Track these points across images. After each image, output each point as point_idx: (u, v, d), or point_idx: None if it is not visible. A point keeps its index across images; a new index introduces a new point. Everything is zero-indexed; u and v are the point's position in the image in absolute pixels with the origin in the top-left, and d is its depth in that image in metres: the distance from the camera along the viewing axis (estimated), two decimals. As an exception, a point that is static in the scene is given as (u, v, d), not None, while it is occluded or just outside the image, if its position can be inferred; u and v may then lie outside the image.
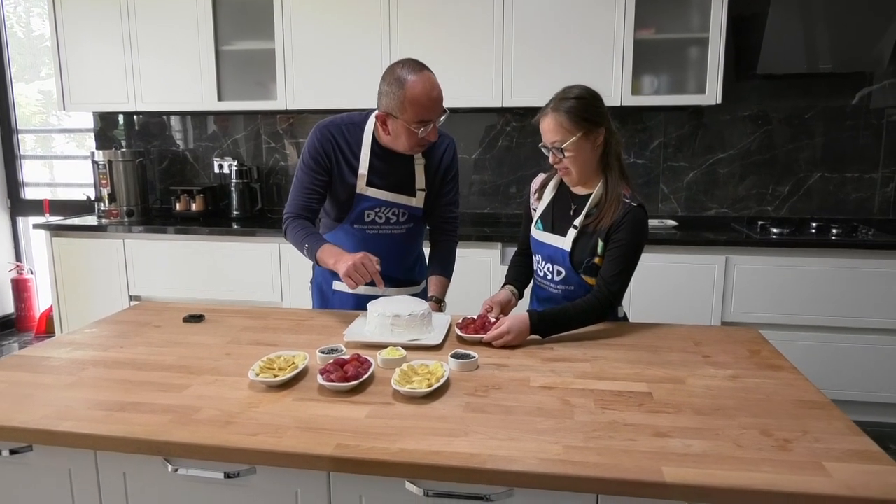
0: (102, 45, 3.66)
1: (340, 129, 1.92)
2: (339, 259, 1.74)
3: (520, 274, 2.02)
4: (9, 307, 4.57)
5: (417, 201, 1.99)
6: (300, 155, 1.97)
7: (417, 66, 1.78)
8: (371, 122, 1.91)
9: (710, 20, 3.14)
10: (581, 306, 1.73)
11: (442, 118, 1.83)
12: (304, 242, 1.85)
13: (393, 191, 1.94)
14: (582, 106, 1.71)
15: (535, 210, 1.95)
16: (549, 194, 1.91)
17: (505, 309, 1.89)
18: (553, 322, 1.70)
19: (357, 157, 1.91)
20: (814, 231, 3.21)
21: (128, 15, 3.60)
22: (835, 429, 1.19)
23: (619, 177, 1.77)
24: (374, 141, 1.91)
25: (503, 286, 1.99)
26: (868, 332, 3.03)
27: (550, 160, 1.79)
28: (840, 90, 3.43)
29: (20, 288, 4.50)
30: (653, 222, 3.44)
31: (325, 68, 3.45)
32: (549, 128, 1.74)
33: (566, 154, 1.73)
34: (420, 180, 1.98)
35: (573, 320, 1.72)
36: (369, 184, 1.91)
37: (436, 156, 2.00)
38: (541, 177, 1.98)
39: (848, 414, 1.27)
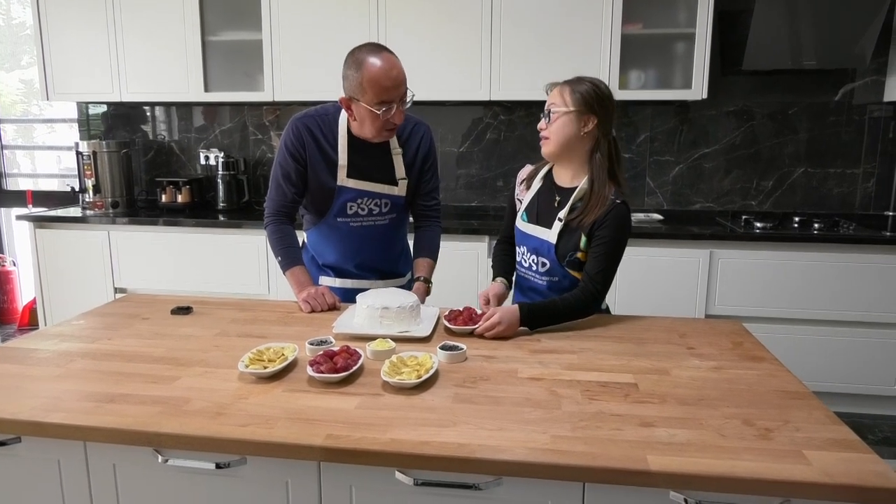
0: (87, 35, 3.61)
1: (315, 121, 1.90)
2: (301, 289, 1.91)
3: (506, 265, 2.03)
4: (-9, 299, 4.52)
5: (400, 190, 1.99)
6: (276, 155, 1.97)
7: (377, 47, 1.78)
8: (344, 114, 1.90)
9: (696, 16, 3.17)
10: (569, 301, 1.76)
11: (408, 101, 1.82)
12: (278, 255, 1.96)
13: (373, 181, 1.94)
14: (588, 90, 1.75)
15: (520, 201, 1.96)
16: (535, 186, 1.92)
17: (501, 301, 1.91)
18: (542, 315, 1.73)
19: (334, 149, 1.90)
20: (797, 225, 3.26)
21: (112, 4, 3.55)
22: (815, 418, 1.22)
23: (607, 176, 1.78)
24: (350, 132, 1.90)
25: (494, 279, 2.01)
26: (849, 324, 3.08)
27: (539, 125, 1.82)
28: (823, 86, 3.48)
29: (2, 280, 4.45)
30: (638, 216, 3.47)
31: (313, 59, 3.43)
32: (553, 94, 1.80)
33: (550, 121, 1.77)
34: (399, 169, 1.97)
35: (561, 314, 1.75)
36: (349, 175, 1.91)
37: (412, 145, 1.99)
38: (528, 167, 1.99)
39: (829, 406, 1.30)
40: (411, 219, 2.14)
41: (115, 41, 3.59)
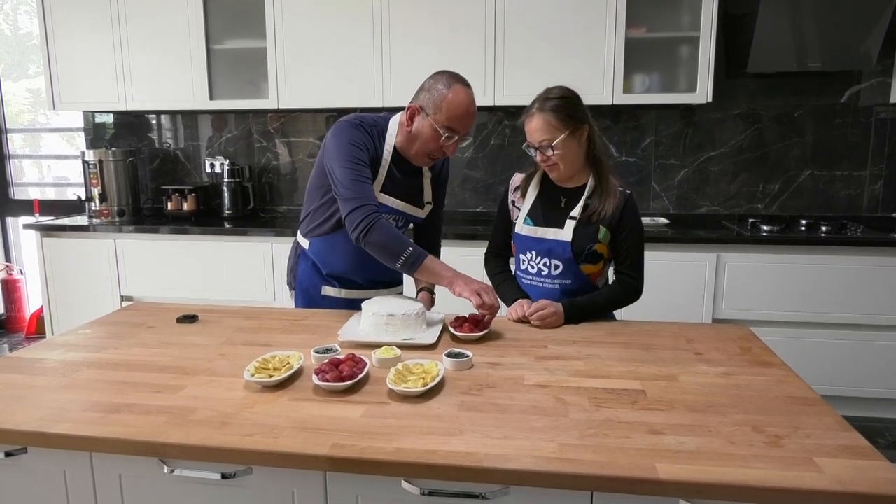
0: (92, 44, 3.63)
1: (372, 129, 1.88)
2: (457, 276, 1.76)
3: (515, 282, 2.01)
4: (-2, 308, 4.54)
5: (423, 213, 2.02)
6: (337, 148, 1.81)
7: (467, 81, 1.83)
8: (393, 127, 1.89)
9: (700, 19, 3.16)
10: (608, 295, 1.87)
11: (465, 142, 1.87)
12: (408, 246, 1.74)
13: (404, 200, 1.94)
14: (566, 105, 1.79)
15: (518, 208, 1.96)
16: (533, 191, 1.94)
17: None
18: (584, 311, 1.83)
19: (376, 162, 1.89)
20: (804, 228, 3.23)
21: (118, 13, 3.58)
22: (825, 425, 1.20)
23: (607, 167, 1.88)
24: (395, 148, 1.90)
25: (516, 300, 1.92)
26: (857, 328, 3.06)
27: (538, 159, 1.84)
28: (829, 88, 3.46)
29: (10, 289, 4.47)
30: (644, 220, 3.44)
31: (317, 67, 3.44)
32: (537, 127, 1.79)
33: (555, 151, 1.77)
34: (428, 194, 2.01)
35: (601, 308, 1.86)
36: (383, 190, 1.90)
37: (436, 169, 2.04)
38: (518, 176, 2.01)
39: (838, 409, 1.28)
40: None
41: (120, 50, 3.61)
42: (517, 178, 2.01)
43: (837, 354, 3.08)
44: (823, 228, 3.18)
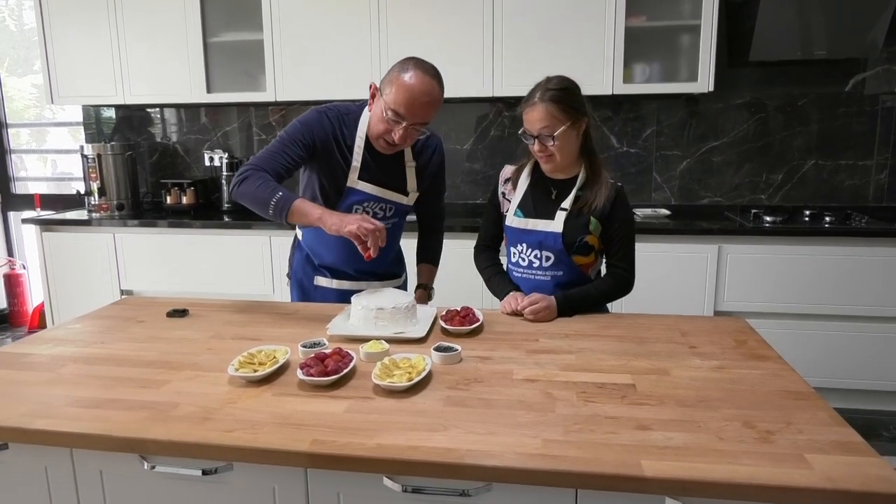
0: (89, 38, 3.62)
1: (340, 118, 1.87)
2: (329, 213, 1.66)
3: (506, 274, 1.99)
4: (1, 302, 4.56)
5: (409, 200, 1.99)
6: (288, 124, 1.86)
7: (432, 70, 1.76)
8: (366, 115, 1.87)
9: (701, 7, 3.11)
10: (602, 288, 1.86)
11: (420, 132, 1.79)
12: (277, 192, 1.68)
13: (384, 187, 1.92)
14: (568, 95, 1.76)
15: (508, 200, 1.94)
16: (523, 182, 1.91)
17: None
18: (576, 303, 1.82)
19: (350, 149, 1.87)
20: (807, 219, 3.19)
21: (114, 7, 3.56)
22: (818, 420, 1.17)
23: (601, 160, 1.87)
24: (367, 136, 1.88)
25: (509, 293, 1.89)
26: (861, 319, 3.01)
27: (535, 148, 1.81)
28: (834, 77, 3.40)
29: (13, 283, 4.49)
30: (645, 211, 3.42)
31: (315, 59, 3.42)
32: (538, 116, 1.76)
33: (555, 142, 1.75)
34: (412, 182, 1.97)
35: (593, 300, 1.85)
36: (360, 177, 1.88)
37: (425, 157, 2.00)
38: (509, 167, 1.99)
39: (841, 402, 1.26)
40: (412, 217, 2.11)
41: (117, 44, 3.60)
42: (507, 170, 1.98)
43: (841, 346, 3.04)
44: (827, 219, 3.13)
